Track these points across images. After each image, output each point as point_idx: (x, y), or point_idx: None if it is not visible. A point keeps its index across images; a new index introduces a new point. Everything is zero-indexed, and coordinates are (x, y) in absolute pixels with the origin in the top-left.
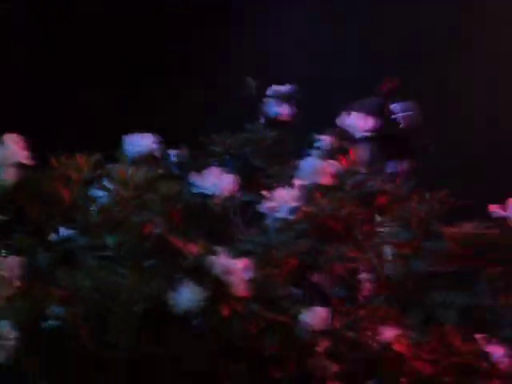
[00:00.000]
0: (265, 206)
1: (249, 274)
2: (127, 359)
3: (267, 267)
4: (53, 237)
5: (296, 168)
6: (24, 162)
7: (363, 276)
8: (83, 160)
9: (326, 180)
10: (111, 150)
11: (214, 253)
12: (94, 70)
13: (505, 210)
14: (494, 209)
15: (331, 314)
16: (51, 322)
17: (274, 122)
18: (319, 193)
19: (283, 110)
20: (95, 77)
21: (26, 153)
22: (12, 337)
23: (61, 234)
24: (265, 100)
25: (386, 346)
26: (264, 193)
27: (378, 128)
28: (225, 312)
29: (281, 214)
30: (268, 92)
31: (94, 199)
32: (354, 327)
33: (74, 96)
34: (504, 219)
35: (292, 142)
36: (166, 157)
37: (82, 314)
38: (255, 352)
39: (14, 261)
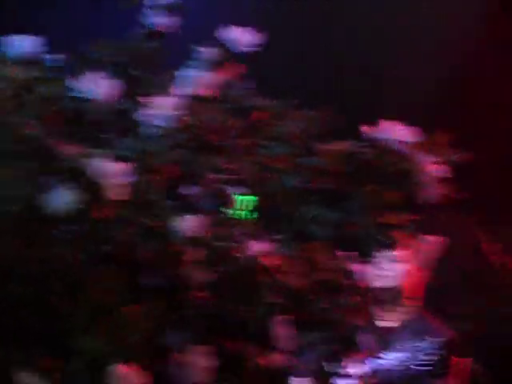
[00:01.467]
0: (142, 114)
1: (126, 178)
2: None
3: (144, 173)
4: None
5: (174, 78)
6: None
7: (235, 189)
8: None
9: (204, 91)
10: None
11: (90, 156)
12: None
13: (377, 131)
14: (367, 130)
15: (203, 223)
16: None
17: (153, 33)
18: (198, 103)
19: (163, 21)
20: None
21: None
22: None
23: None
24: (145, 10)
25: (254, 259)
26: (142, 100)
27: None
28: (94, 215)
29: (159, 122)
30: (148, 2)
31: None
32: (224, 239)
33: None
34: (377, 140)
35: (172, 53)
36: (44, 60)
37: None
38: (126, 259)
39: None
